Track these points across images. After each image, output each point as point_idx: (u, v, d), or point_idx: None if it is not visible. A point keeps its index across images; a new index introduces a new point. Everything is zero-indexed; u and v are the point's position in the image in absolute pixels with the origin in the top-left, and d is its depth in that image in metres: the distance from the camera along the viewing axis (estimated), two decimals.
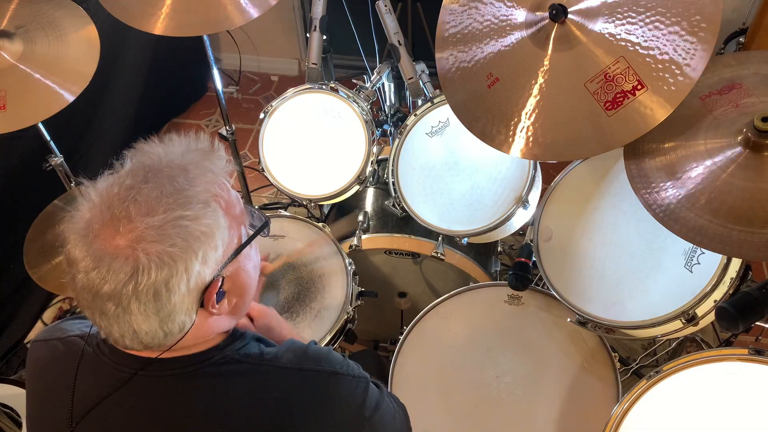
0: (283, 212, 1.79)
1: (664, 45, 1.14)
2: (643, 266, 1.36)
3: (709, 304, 1.24)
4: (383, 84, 2.06)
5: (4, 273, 2.18)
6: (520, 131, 1.27)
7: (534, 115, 1.26)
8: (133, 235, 0.76)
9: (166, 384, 0.86)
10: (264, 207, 2.68)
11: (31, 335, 2.31)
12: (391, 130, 2.06)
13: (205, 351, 0.88)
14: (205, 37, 1.77)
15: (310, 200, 1.81)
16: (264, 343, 0.96)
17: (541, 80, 1.26)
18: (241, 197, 0.94)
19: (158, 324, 0.80)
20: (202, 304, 0.82)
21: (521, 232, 1.73)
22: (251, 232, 0.91)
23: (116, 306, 0.77)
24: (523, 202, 1.55)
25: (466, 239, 1.65)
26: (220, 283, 0.83)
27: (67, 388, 0.89)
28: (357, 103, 1.76)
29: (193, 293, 0.80)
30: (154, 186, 0.78)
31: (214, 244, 0.80)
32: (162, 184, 0.79)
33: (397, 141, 1.72)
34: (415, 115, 1.71)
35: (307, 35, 1.89)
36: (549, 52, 1.25)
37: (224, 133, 2.03)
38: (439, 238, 1.73)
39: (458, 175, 1.69)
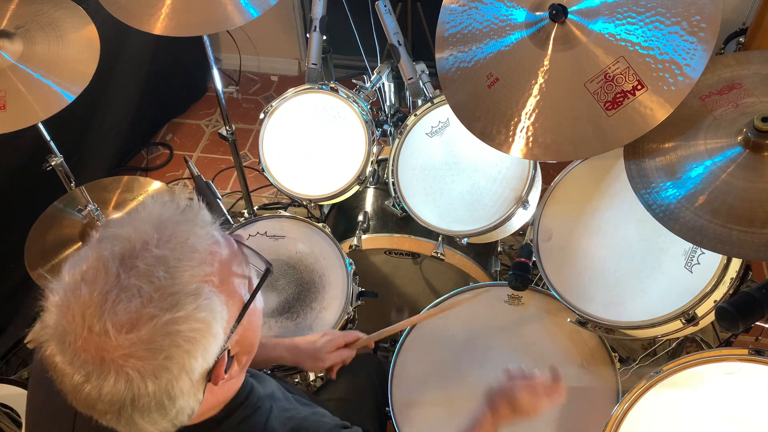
0: (283, 212, 1.79)
1: (664, 45, 1.14)
2: (643, 266, 1.36)
3: (709, 304, 1.24)
4: (383, 84, 2.06)
5: (4, 273, 2.18)
6: (520, 131, 1.27)
7: (534, 115, 1.26)
8: (120, 353, 0.67)
9: None
10: (264, 207, 2.68)
11: (32, 335, 2.30)
12: (391, 130, 2.05)
13: (202, 423, 0.82)
14: (205, 37, 1.77)
15: (310, 200, 1.81)
16: (284, 402, 0.91)
17: (541, 80, 1.26)
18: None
19: (167, 423, 0.73)
20: (209, 379, 0.75)
21: (521, 232, 1.73)
22: (254, 270, 0.82)
23: (117, 418, 0.71)
24: (523, 202, 1.55)
25: (466, 239, 1.65)
26: (227, 358, 0.76)
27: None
28: (357, 103, 1.76)
29: (198, 383, 0.73)
30: (132, 292, 0.68)
31: (214, 332, 0.72)
32: (139, 287, 0.68)
33: (397, 141, 1.71)
34: (415, 115, 1.70)
35: (307, 35, 1.89)
36: (549, 52, 1.25)
37: (224, 133, 2.03)
38: (439, 238, 1.73)
39: (458, 175, 1.69)
